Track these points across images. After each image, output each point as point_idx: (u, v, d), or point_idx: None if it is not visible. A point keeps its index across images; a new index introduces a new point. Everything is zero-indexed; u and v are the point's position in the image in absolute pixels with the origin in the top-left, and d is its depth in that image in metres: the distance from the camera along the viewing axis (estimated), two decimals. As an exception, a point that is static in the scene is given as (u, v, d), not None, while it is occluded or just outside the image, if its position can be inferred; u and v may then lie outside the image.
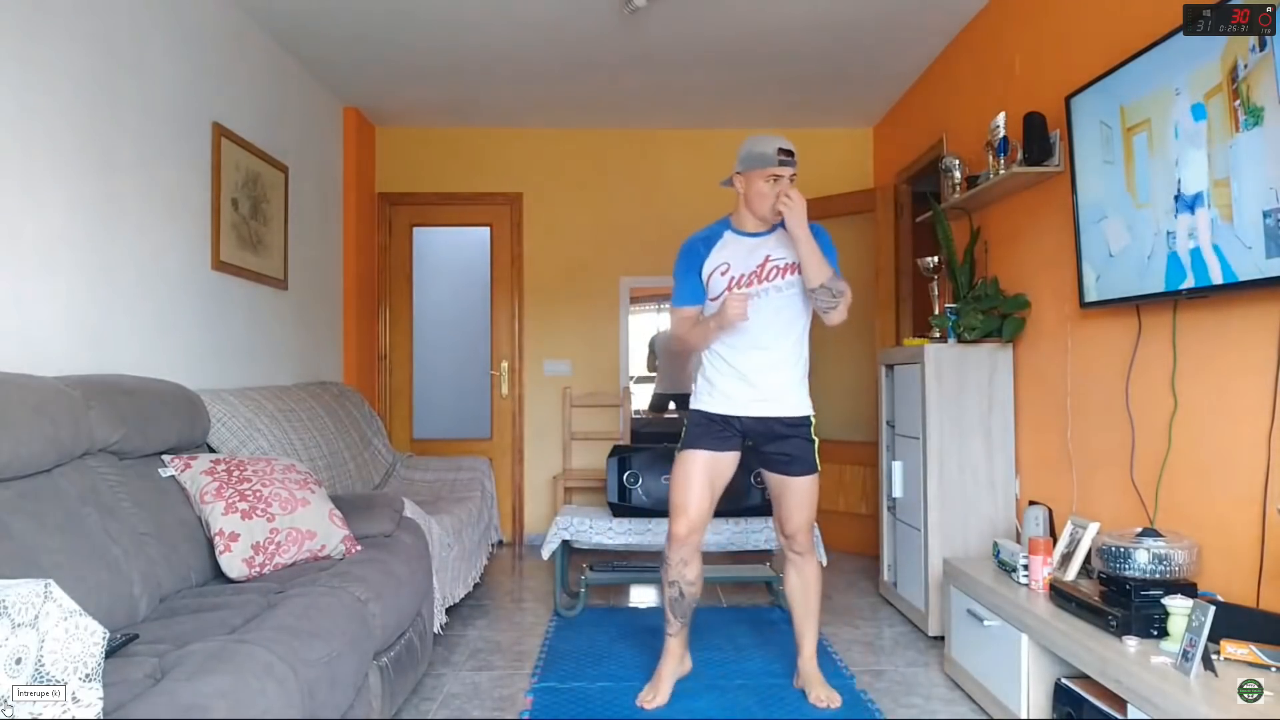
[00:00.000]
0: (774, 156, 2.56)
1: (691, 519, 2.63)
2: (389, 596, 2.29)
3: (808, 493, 2.69)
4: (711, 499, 2.67)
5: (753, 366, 2.62)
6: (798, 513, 2.69)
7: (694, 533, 2.66)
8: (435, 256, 5.84)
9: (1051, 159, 2.96)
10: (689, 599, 2.72)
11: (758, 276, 2.61)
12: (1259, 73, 1.90)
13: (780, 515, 2.73)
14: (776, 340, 2.63)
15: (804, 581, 2.75)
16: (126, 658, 1.63)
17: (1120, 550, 2.10)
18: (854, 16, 3.75)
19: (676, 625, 2.74)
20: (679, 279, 2.73)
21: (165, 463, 2.42)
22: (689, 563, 2.68)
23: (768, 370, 2.63)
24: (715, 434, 2.65)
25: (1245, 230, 1.97)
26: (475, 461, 4.71)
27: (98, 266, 2.70)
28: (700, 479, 2.63)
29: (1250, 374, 2.08)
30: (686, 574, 2.68)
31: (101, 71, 2.71)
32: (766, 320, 2.60)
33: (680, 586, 2.69)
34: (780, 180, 2.56)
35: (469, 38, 3.98)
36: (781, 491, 2.70)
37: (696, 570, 2.71)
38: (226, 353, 3.52)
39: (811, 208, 5.31)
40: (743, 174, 2.62)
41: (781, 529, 2.75)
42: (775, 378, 2.64)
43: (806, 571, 2.75)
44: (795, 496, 2.68)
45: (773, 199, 2.54)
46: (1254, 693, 1.63)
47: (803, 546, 2.73)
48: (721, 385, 2.66)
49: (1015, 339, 3.31)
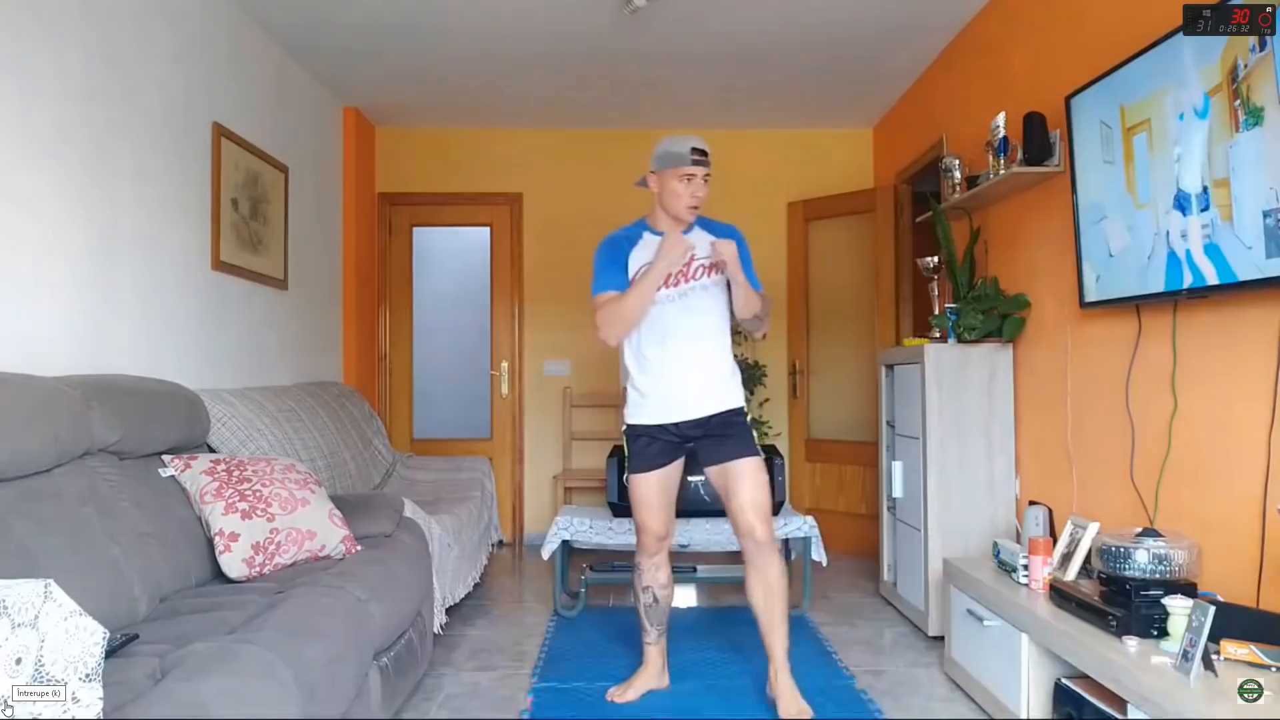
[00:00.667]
0: (687, 156, 2.51)
1: (657, 532, 2.66)
2: (389, 596, 2.29)
3: (755, 474, 2.55)
4: (670, 507, 2.69)
5: (684, 366, 2.57)
6: (749, 498, 2.53)
7: (662, 540, 2.69)
8: (435, 256, 5.83)
9: (1051, 159, 2.96)
10: (663, 604, 2.74)
11: (684, 275, 2.57)
12: (1259, 73, 1.90)
13: (732, 509, 2.56)
14: (705, 338, 2.60)
15: (767, 584, 2.55)
16: (126, 658, 1.63)
17: (1120, 550, 2.10)
18: (854, 17, 3.75)
19: (654, 633, 2.76)
20: (602, 267, 2.63)
21: (165, 463, 2.42)
22: (661, 567, 2.72)
23: (699, 368, 2.59)
24: (659, 451, 2.62)
25: (1245, 230, 1.97)
26: (475, 461, 4.72)
27: (98, 266, 2.70)
28: (657, 498, 2.64)
29: (1250, 374, 2.08)
30: (659, 578, 2.72)
31: (102, 72, 2.71)
32: (695, 319, 2.58)
33: (654, 592, 2.71)
34: (694, 180, 2.52)
35: (469, 38, 3.98)
36: (726, 480, 2.57)
37: (668, 574, 2.74)
38: (226, 353, 3.52)
39: (812, 208, 5.36)
40: (657, 173, 2.58)
41: (735, 524, 2.57)
42: (707, 374, 2.60)
43: (769, 571, 2.55)
44: (742, 479, 2.54)
45: (686, 198, 2.52)
46: (1254, 693, 1.63)
47: (763, 536, 2.53)
48: (653, 392, 2.60)
49: (1015, 339, 3.31)
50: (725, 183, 5.44)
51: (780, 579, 2.57)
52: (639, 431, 2.64)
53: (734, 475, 2.55)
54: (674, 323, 2.56)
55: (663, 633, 2.78)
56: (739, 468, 2.55)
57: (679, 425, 2.59)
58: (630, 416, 2.66)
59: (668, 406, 2.59)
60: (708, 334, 2.60)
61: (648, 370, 2.61)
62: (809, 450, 5.28)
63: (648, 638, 2.76)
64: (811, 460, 5.26)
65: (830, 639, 3.34)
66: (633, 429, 2.65)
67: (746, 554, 2.57)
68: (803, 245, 5.34)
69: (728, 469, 2.56)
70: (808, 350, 5.30)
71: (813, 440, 5.26)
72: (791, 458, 5.31)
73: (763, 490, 2.55)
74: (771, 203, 5.40)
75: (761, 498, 2.54)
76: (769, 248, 5.36)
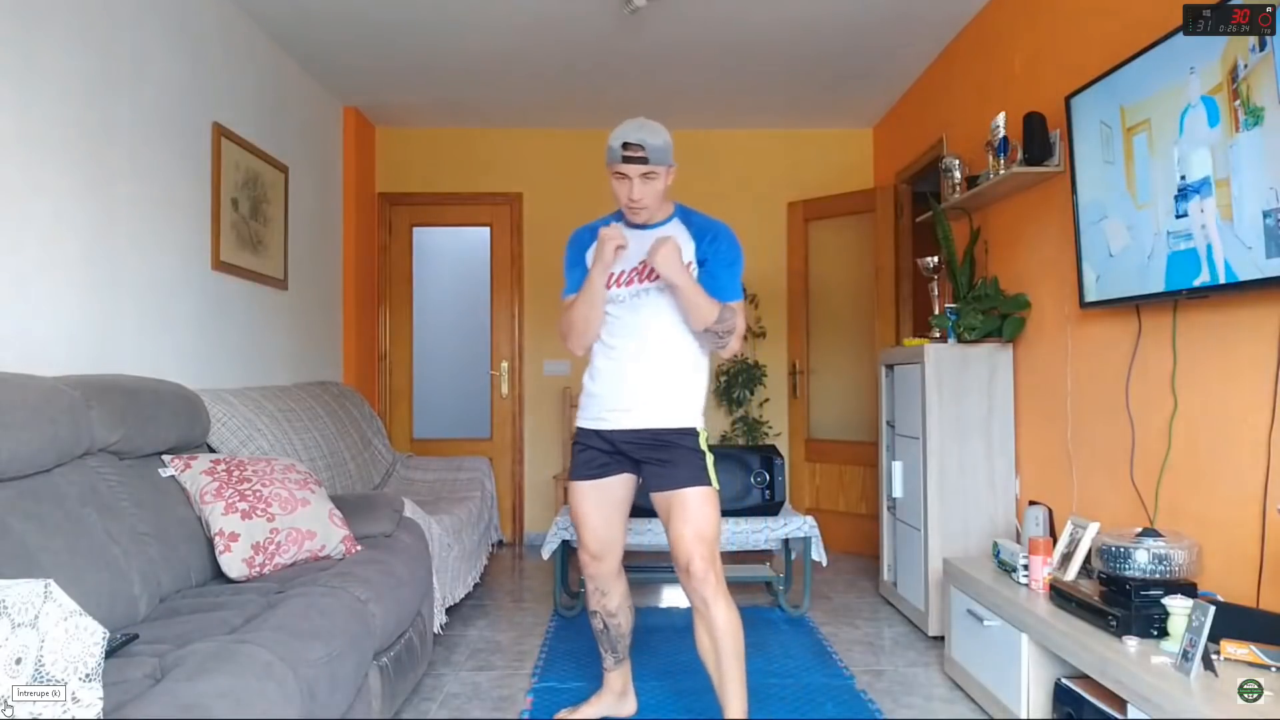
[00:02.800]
0: (617, 151, 2.17)
1: (591, 550, 2.38)
2: (389, 596, 2.29)
3: (701, 505, 2.21)
4: (609, 525, 2.38)
5: (625, 372, 2.32)
6: (687, 534, 2.18)
7: (598, 561, 2.39)
8: (435, 256, 5.84)
9: (1051, 159, 2.96)
10: (615, 631, 2.47)
11: (639, 274, 2.29)
12: (1259, 73, 1.90)
13: (670, 538, 2.24)
14: (658, 344, 2.30)
15: (713, 637, 2.20)
16: (126, 658, 1.63)
17: (1120, 550, 2.10)
18: (854, 17, 3.75)
19: (610, 659, 2.52)
20: (567, 270, 2.44)
21: (165, 463, 2.42)
22: (607, 593, 2.43)
23: (645, 377, 2.30)
24: (595, 460, 2.36)
25: (1245, 230, 1.97)
26: (475, 461, 4.72)
27: (98, 266, 2.70)
28: (593, 510, 2.37)
29: (1250, 374, 2.08)
30: (606, 604, 2.44)
31: (102, 72, 2.71)
32: (646, 322, 2.30)
33: (602, 617, 2.46)
34: (626, 180, 2.19)
35: (469, 38, 3.98)
36: (666, 511, 2.26)
37: (617, 600, 2.45)
38: (226, 353, 3.52)
39: (812, 208, 5.35)
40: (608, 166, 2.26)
41: (674, 556, 2.23)
42: (653, 386, 2.30)
43: (714, 621, 2.18)
44: (679, 513, 2.21)
45: (623, 198, 2.24)
46: (1254, 693, 1.63)
47: (703, 582, 2.16)
48: (597, 394, 2.37)
49: (1015, 339, 3.31)
50: (725, 183, 5.49)
51: (728, 625, 2.18)
52: (580, 438, 2.41)
53: (678, 504, 2.23)
54: (624, 326, 2.31)
55: (620, 659, 2.53)
56: (683, 497, 2.22)
57: (611, 434, 2.33)
58: (578, 418, 2.45)
59: (602, 412, 2.35)
60: (659, 340, 2.30)
61: (594, 372, 2.40)
62: (809, 450, 5.28)
63: (604, 662, 2.54)
64: (811, 460, 5.26)
65: (830, 639, 3.34)
66: (578, 432, 2.44)
67: (689, 596, 2.24)
68: (803, 245, 5.34)
69: (671, 498, 2.24)
70: (808, 350, 5.30)
71: (813, 440, 5.26)
72: (791, 458, 5.31)
73: (709, 523, 2.21)
74: (771, 203, 5.40)
75: (706, 529, 2.20)
76: (769, 248, 5.36)
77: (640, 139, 2.15)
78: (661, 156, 2.19)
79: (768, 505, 3.70)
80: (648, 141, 2.15)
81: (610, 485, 2.37)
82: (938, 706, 2.69)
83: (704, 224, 2.36)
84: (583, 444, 2.40)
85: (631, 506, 2.45)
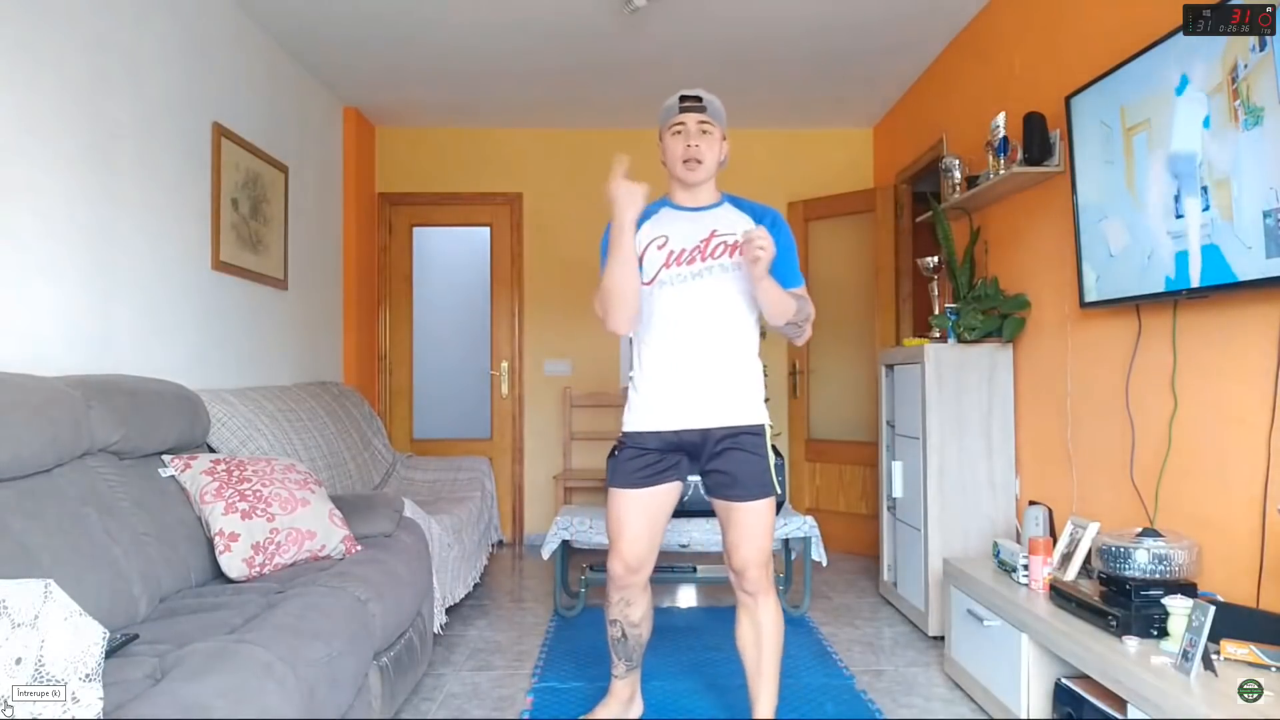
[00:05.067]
0: (674, 105, 2.18)
1: (628, 561, 2.23)
2: (389, 596, 2.29)
3: (757, 523, 2.17)
4: (651, 537, 2.25)
5: (685, 364, 2.17)
6: (745, 544, 2.18)
7: (633, 573, 2.25)
8: (435, 256, 5.84)
9: (1051, 159, 2.96)
10: (633, 641, 2.35)
11: (701, 252, 2.17)
12: (1259, 73, 1.91)
13: (728, 542, 2.22)
14: (721, 332, 2.19)
15: (757, 629, 2.22)
16: (126, 658, 1.63)
17: (1120, 550, 2.10)
18: (854, 17, 3.75)
19: (621, 668, 2.40)
20: (605, 250, 2.20)
21: (165, 463, 2.42)
22: (632, 603, 2.30)
23: (714, 367, 2.18)
24: (647, 465, 2.20)
25: (1245, 230, 1.97)
26: (475, 461, 4.72)
27: (98, 266, 2.70)
28: (635, 520, 2.22)
29: (1250, 374, 2.08)
30: (630, 614, 2.31)
31: (102, 72, 2.71)
32: (707, 307, 2.17)
33: (622, 627, 2.33)
34: (683, 130, 2.16)
35: (469, 37, 3.98)
36: (726, 518, 2.22)
37: (642, 611, 2.33)
38: (226, 353, 3.52)
39: (812, 208, 5.35)
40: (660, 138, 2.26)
41: (729, 560, 2.22)
42: (723, 377, 2.18)
43: (761, 615, 2.21)
44: (740, 526, 2.18)
45: (680, 151, 2.17)
46: (1254, 693, 1.63)
47: (755, 585, 2.19)
48: (650, 393, 2.21)
49: (1015, 339, 3.31)
50: (725, 183, 5.45)
51: (773, 625, 2.21)
52: (628, 440, 2.25)
53: (740, 514, 2.18)
54: (680, 310, 2.16)
55: (633, 668, 2.41)
56: (743, 512, 2.17)
57: (672, 435, 2.19)
58: (625, 422, 2.27)
59: (659, 412, 2.19)
60: (722, 327, 2.18)
61: (644, 367, 2.22)
62: (809, 450, 5.28)
63: (614, 670, 2.41)
64: (811, 460, 5.26)
65: (830, 639, 3.34)
66: (626, 436, 2.26)
67: (737, 594, 2.25)
68: (803, 245, 5.33)
69: (734, 508, 2.19)
70: (808, 350, 5.30)
71: (813, 440, 5.26)
72: (791, 458, 5.31)
73: (768, 534, 2.20)
74: (771, 202, 5.33)
75: (762, 547, 2.19)
76: (769, 248, 5.36)
77: (697, 92, 2.18)
78: (718, 114, 2.20)
79: (768, 505, 3.70)
80: (705, 96, 2.17)
81: (658, 494, 2.23)
82: (938, 706, 2.69)
83: (758, 209, 2.28)
84: (634, 447, 2.22)
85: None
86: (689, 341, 2.17)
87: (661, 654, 3.10)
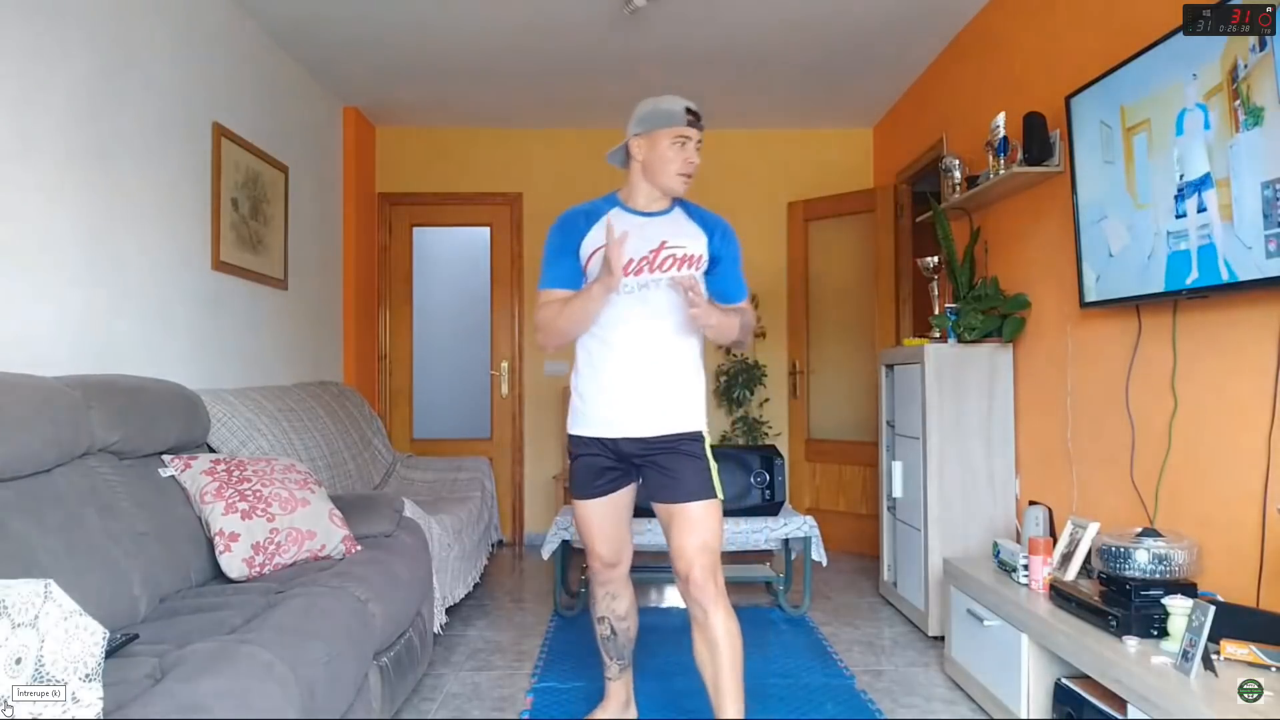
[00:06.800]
0: (681, 114, 2.14)
1: (604, 557, 2.28)
2: (389, 596, 2.29)
3: (700, 519, 2.11)
4: (620, 533, 2.29)
5: (631, 375, 2.16)
6: (689, 545, 2.09)
7: (613, 568, 2.30)
8: (435, 256, 5.84)
9: (1051, 159, 2.96)
10: (623, 636, 2.37)
11: (649, 263, 2.13)
12: (1259, 73, 1.90)
13: (672, 548, 2.14)
14: (667, 343, 2.16)
15: (711, 646, 2.08)
16: (126, 658, 1.63)
17: (1120, 550, 2.10)
18: (854, 17, 3.75)
19: (614, 667, 2.41)
20: (550, 259, 2.21)
21: (165, 463, 2.42)
22: (617, 596, 2.34)
23: (654, 379, 2.16)
24: (601, 474, 2.22)
25: (1245, 230, 1.97)
26: (475, 461, 4.72)
27: (98, 266, 2.70)
28: (601, 523, 2.26)
29: (1250, 374, 2.08)
30: (616, 608, 2.35)
31: (102, 72, 2.71)
32: (655, 319, 2.15)
33: (610, 622, 2.35)
34: (687, 145, 2.15)
35: (469, 38, 3.98)
36: (668, 521, 2.15)
37: (627, 604, 2.36)
38: (226, 353, 3.52)
39: (812, 208, 5.35)
40: (644, 135, 2.18)
41: (674, 567, 2.13)
42: (663, 388, 2.16)
43: (714, 631, 2.07)
44: (683, 527, 2.11)
45: (679, 164, 2.15)
46: (1254, 693, 1.63)
47: (702, 591, 2.07)
48: (592, 399, 2.20)
49: (1015, 339, 3.31)
50: (725, 182, 5.48)
51: (727, 634, 2.07)
52: (578, 448, 2.25)
53: (680, 515, 2.12)
54: (628, 320, 2.14)
55: (625, 667, 2.43)
56: (687, 510, 2.12)
57: (615, 443, 2.18)
58: (569, 425, 2.27)
59: (604, 420, 2.19)
60: (668, 338, 2.16)
61: (590, 373, 2.21)
62: (809, 450, 5.28)
63: (608, 672, 2.42)
64: (811, 460, 5.26)
65: (830, 639, 3.34)
66: (573, 440, 2.26)
67: (689, 608, 2.14)
68: (803, 245, 5.34)
69: (675, 510, 2.13)
70: (808, 350, 5.30)
71: (813, 440, 5.26)
72: (791, 458, 5.31)
73: (712, 534, 2.12)
74: (771, 203, 5.40)
75: (709, 540, 2.11)
76: (769, 248, 5.36)
77: (698, 109, 2.19)
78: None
79: (768, 505, 3.71)
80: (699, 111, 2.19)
81: (616, 499, 2.26)
82: (938, 706, 2.69)
83: (708, 217, 2.28)
84: (582, 454, 2.24)
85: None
86: (631, 353, 2.16)
87: (660, 654, 3.10)
